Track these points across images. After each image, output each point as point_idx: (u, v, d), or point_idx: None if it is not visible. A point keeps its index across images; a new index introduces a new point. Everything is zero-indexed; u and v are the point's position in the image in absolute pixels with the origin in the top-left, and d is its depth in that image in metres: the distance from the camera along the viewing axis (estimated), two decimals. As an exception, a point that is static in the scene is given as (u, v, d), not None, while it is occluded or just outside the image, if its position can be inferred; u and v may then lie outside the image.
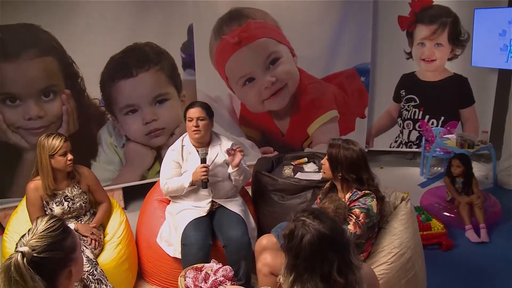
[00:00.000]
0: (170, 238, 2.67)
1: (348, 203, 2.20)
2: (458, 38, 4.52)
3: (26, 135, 3.48)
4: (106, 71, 3.67)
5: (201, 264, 2.32)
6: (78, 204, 2.58)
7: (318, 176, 3.13)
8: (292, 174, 3.31)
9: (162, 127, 3.96)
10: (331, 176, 2.30)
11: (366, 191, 2.20)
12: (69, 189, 2.56)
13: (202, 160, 2.63)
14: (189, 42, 3.95)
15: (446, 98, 4.68)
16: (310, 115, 4.60)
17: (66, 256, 1.31)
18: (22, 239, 1.29)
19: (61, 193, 2.54)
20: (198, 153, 2.67)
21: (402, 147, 4.96)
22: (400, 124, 4.88)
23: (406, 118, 4.84)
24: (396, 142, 4.95)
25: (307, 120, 4.60)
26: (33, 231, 1.29)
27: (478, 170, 4.47)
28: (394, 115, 4.88)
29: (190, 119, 2.71)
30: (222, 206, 2.75)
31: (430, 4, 4.49)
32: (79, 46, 3.51)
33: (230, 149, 2.65)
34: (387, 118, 4.90)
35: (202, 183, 2.63)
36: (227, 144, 2.77)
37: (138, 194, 3.91)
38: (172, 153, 2.79)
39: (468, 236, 3.30)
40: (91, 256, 2.36)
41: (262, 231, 2.85)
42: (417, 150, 4.90)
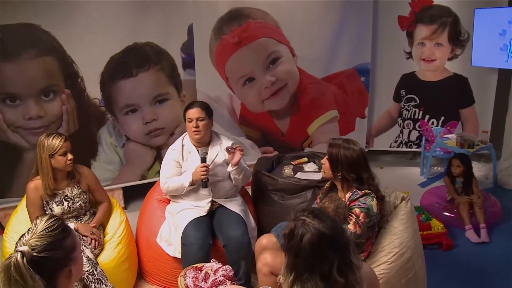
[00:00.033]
0: (170, 238, 2.67)
1: (348, 203, 2.19)
2: (458, 38, 4.52)
3: (26, 135, 3.49)
4: (106, 71, 3.67)
5: (201, 263, 2.32)
6: (78, 203, 2.58)
7: (318, 175, 3.13)
8: (292, 173, 3.31)
9: (162, 127, 3.96)
10: (331, 175, 2.30)
11: (366, 191, 2.20)
12: (69, 188, 2.56)
13: (202, 159, 2.63)
14: (189, 42, 3.95)
15: (446, 98, 4.68)
16: (310, 115, 4.60)
17: (66, 255, 1.30)
18: (22, 239, 1.28)
19: (61, 192, 2.54)
20: (198, 152, 2.68)
21: (402, 147, 4.96)
22: (400, 124, 4.88)
23: (406, 118, 4.84)
24: (396, 142, 4.95)
25: (307, 120, 4.60)
26: (32, 231, 1.29)
27: (478, 170, 4.47)
28: (394, 115, 4.88)
29: (190, 120, 2.71)
30: (222, 205, 2.75)
31: (430, 4, 4.49)
32: (79, 46, 3.52)
33: (230, 147, 2.66)
34: (387, 118, 4.90)
35: (202, 183, 2.63)
36: (227, 143, 2.77)
37: (138, 194, 3.91)
38: (172, 152, 2.79)
39: (468, 236, 3.30)
40: (91, 255, 2.36)
41: (262, 231, 2.85)
42: (417, 150, 4.90)
